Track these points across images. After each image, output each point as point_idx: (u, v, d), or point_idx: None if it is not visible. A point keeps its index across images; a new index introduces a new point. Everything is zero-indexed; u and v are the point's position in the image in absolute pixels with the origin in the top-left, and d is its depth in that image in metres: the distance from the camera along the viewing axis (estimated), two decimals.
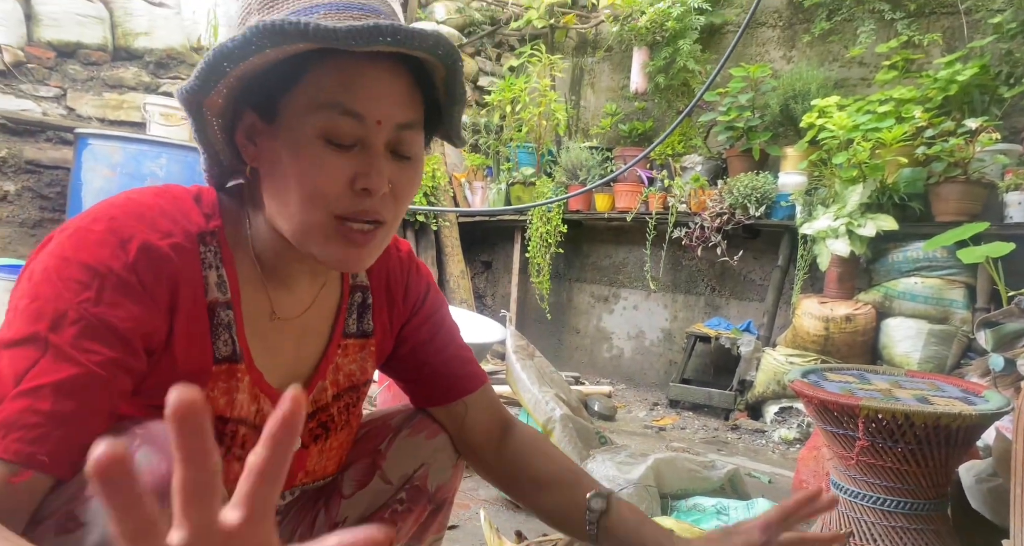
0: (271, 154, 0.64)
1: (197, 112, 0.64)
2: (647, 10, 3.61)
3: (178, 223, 0.65)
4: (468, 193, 4.16)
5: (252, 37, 0.57)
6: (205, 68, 0.59)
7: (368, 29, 0.56)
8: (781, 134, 3.36)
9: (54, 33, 3.13)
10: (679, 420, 3.11)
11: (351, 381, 0.82)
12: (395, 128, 0.64)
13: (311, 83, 0.61)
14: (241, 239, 0.70)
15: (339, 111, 0.61)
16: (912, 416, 1.33)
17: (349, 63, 0.61)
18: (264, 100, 0.63)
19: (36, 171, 2.98)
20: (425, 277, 0.88)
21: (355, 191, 0.63)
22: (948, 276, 2.71)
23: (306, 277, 0.74)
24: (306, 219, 0.64)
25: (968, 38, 2.98)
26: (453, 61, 0.63)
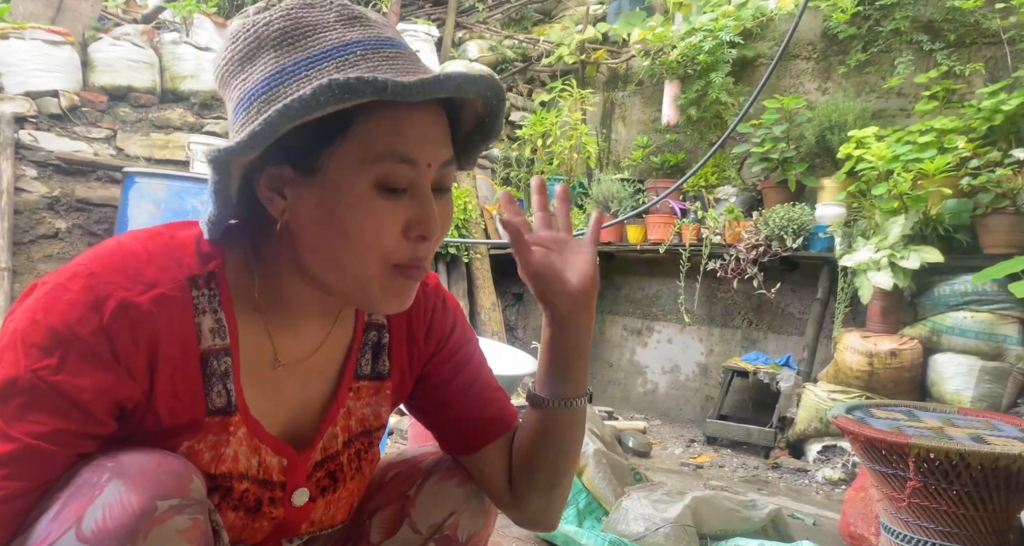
0: (314, 208, 0.60)
1: (226, 169, 0.59)
2: (678, 44, 3.64)
3: (166, 270, 0.61)
4: (499, 225, 4.19)
5: (321, 96, 0.53)
6: (266, 129, 0.55)
7: (439, 82, 0.56)
8: (817, 165, 3.32)
9: (108, 78, 3.31)
10: (717, 458, 3.01)
11: (363, 426, 0.77)
12: (440, 167, 0.63)
13: (362, 133, 0.59)
14: (244, 281, 0.66)
15: (395, 160, 0.60)
16: (967, 456, 1.26)
17: (399, 110, 0.59)
18: (302, 153, 0.60)
19: (86, 209, 3.11)
20: (452, 312, 0.82)
21: (410, 238, 0.62)
22: (1000, 310, 2.60)
23: (315, 319, 0.71)
24: (365, 271, 0.62)
25: (1012, 68, 2.92)
26: (499, 100, 0.63)
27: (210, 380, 0.64)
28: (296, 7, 0.61)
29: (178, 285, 0.61)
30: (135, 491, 0.54)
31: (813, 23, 3.51)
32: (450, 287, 3.99)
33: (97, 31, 3.37)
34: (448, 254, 3.95)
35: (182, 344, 0.62)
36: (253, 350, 0.67)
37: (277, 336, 0.68)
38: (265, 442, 0.69)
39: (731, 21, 3.60)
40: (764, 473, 2.80)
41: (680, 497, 1.71)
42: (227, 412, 0.65)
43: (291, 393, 0.71)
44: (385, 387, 0.78)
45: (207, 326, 0.64)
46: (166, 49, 3.50)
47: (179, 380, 0.62)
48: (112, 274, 0.59)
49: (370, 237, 0.60)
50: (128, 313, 0.58)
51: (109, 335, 0.57)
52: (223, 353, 0.65)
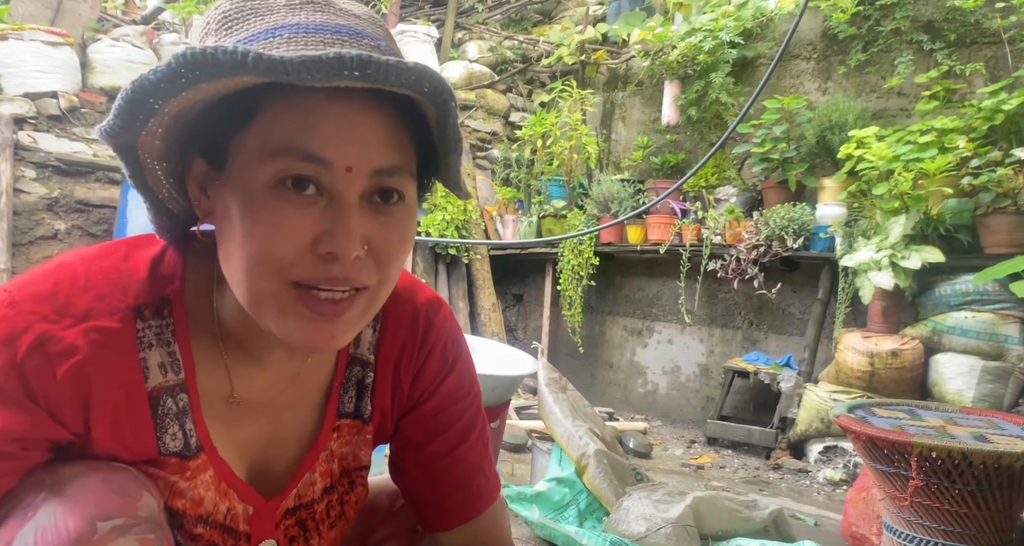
0: (221, 208, 0.53)
1: (130, 155, 0.52)
2: (678, 45, 3.63)
3: (105, 299, 0.54)
4: (499, 226, 4.18)
5: (180, 68, 0.45)
6: (124, 105, 0.47)
7: (328, 61, 0.44)
8: (818, 165, 3.31)
9: (107, 79, 3.31)
10: (718, 458, 3.00)
11: (344, 467, 0.70)
12: (371, 174, 0.51)
13: (265, 123, 0.50)
14: (204, 306, 0.59)
15: (299, 156, 0.49)
16: (970, 455, 1.25)
17: (312, 99, 0.49)
18: (211, 144, 0.53)
19: (85, 210, 3.11)
20: (450, 362, 0.71)
21: (319, 254, 0.51)
22: (1001, 310, 2.59)
23: (280, 353, 0.61)
24: (256, 287, 0.51)
25: (1013, 67, 2.92)
26: (443, 101, 0.50)
27: (162, 421, 0.57)
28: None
29: (118, 316, 0.54)
30: (72, 512, 0.49)
31: (813, 23, 3.51)
32: (450, 288, 3.99)
33: (96, 32, 3.37)
34: (448, 255, 3.94)
35: (123, 383, 0.55)
36: (212, 384, 0.60)
37: (236, 367, 0.61)
38: (233, 487, 0.62)
39: (731, 21, 3.60)
40: (765, 474, 2.79)
41: (681, 497, 1.70)
42: (185, 455, 0.59)
43: (258, 430, 0.63)
44: (366, 431, 0.70)
45: (155, 361, 0.56)
46: (165, 50, 3.50)
47: (124, 423, 0.56)
48: (37, 303, 0.52)
49: (264, 243, 0.50)
50: (46, 348, 0.51)
51: (23, 373, 0.51)
52: (178, 390, 0.58)
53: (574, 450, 1.91)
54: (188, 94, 0.47)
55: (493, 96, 4.45)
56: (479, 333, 3.97)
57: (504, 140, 4.47)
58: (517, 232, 4.06)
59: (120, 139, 0.50)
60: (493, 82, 4.48)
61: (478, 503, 0.71)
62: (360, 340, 0.68)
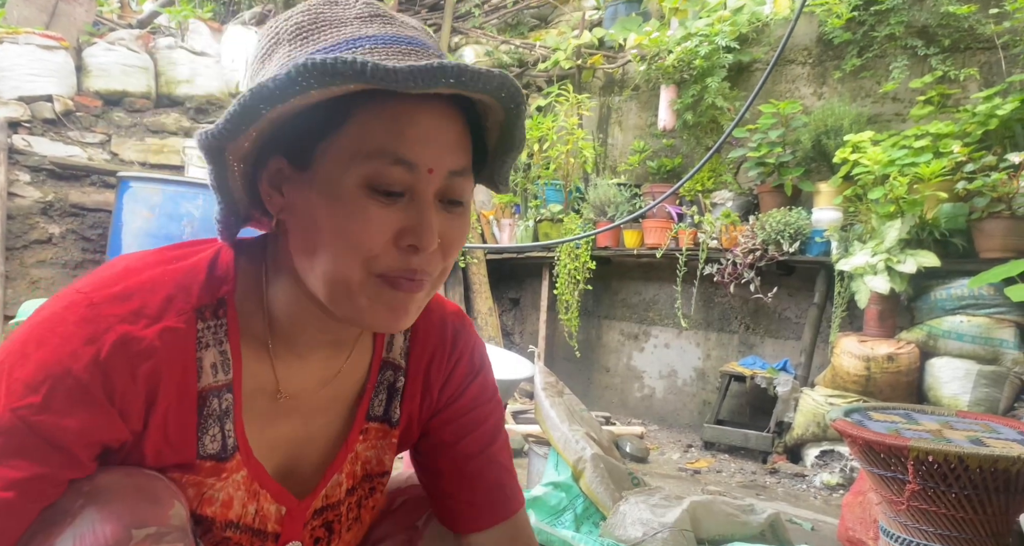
0: (303, 205, 0.56)
1: (219, 157, 0.56)
2: (674, 49, 3.64)
3: (174, 300, 0.57)
4: (496, 230, 4.18)
5: (298, 77, 0.49)
6: (240, 110, 0.51)
7: (431, 69, 0.50)
8: (813, 170, 3.32)
9: (102, 83, 3.31)
10: (715, 463, 2.99)
11: (367, 471, 0.72)
12: (447, 176, 0.56)
13: (357, 127, 0.54)
14: (254, 306, 0.62)
15: (390, 160, 0.54)
16: (966, 458, 1.25)
17: (400, 106, 0.54)
18: (297, 145, 0.56)
19: (80, 214, 3.11)
20: (477, 368, 0.74)
21: (401, 248, 0.56)
22: (996, 314, 2.60)
23: (326, 349, 0.65)
24: (346, 277, 0.55)
25: (1007, 73, 2.93)
26: (517, 105, 0.56)
27: (206, 422, 0.60)
28: (319, 3, 0.58)
29: (184, 317, 0.57)
30: (109, 520, 0.51)
31: (808, 28, 3.52)
32: (447, 292, 3.98)
33: (92, 36, 3.37)
34: None
35: (181, 382, 0.58)
36: (256, 383, 0.63)
37: (281, 366, 0.63)
38: (266, 487, 0.64)
39: (727, 26, 3.61)
40: (762, 478, 2.78)
41: (678, 502, 1.69)
42: (221, 457, 0.61)
43: (291, 430, 0.66)
44: (392, 435, 0.72)
45: (209, 361, 0.60)
46: (161, 54, 3.50)
47: (171, 421, 0.58)
48: (113, 305, 0.55)
49: (352, 239, 0.54)
50: (129, 348, 0.54)
51: (106, 371, 0.53)
52: (224, 390, 0.60)
53: (570, 454, 1.91)
54: (296, 99, 0.51)
55: None
56: None
57: None
58: (514, 236, 4.06)
59: (221, 143, 0.54)
60: None
61: (512, 504, 0.73)
62: (393, 345, 0.71)
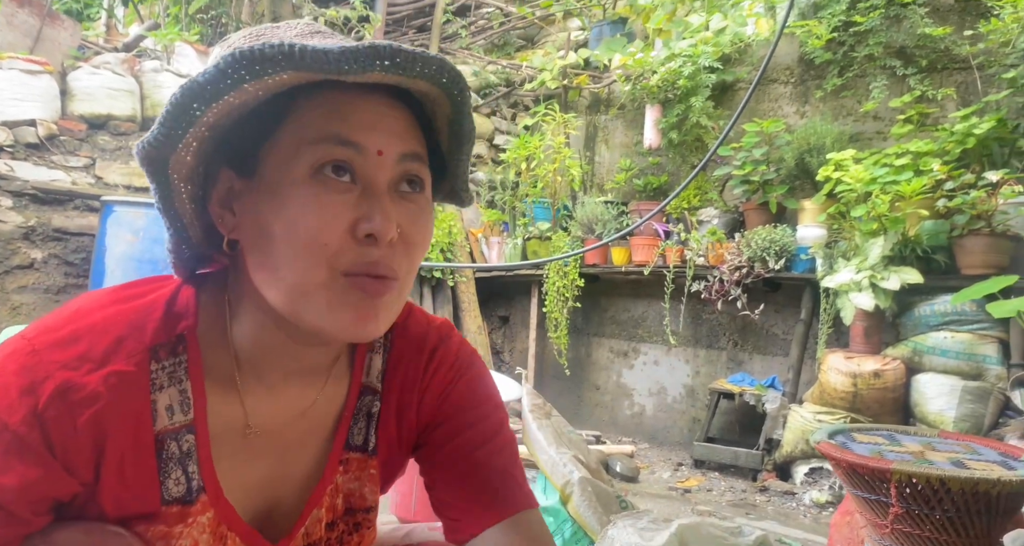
0: (253, 215, 0.54)
1: (161, 171, 0.53)
2: (658, 70, 3.69)
3: (124, 341, 0.55)
4: (485, 248, 4.19)
5: (227, 68, 0.47)
6: (172, 110, 0.49)
7: (364, 49, 0.48)
8: (798, 187, 3.36)
9: (87, 107, 3.30)
10: (705, 481, 2.98)
11: (348, 504, 0.67)
12: (399, 160, 0.55)
13: (297, 121, 0.53)
14: (218, 339, 0.59)
15: (335, 141, 0.52)
16: (948, 481, 1.26)
17: (341, 95, 0.53)
18: (241, 153, 0.54)
19: (63, 238, 3.08)
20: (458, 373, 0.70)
21: (359, 240, 0.53)
22: (979, 330, 2.62)
23: (299, 378, 0.62)
24: (305, 279, 0.52)
25: (982, 92, 2.99)
26: (460, 90, 0.54)
27: (166, 466, 0.57)
28: (261, 27, 0.59)
29: (135, 359, 0.55)
30: None
31: (790, 48, 3.58)
32: (435, 311, 3.97)
33: (76, 60, 3.37)
34: (433, 278, 3.94)
35: (134, 428, 0.55)
36: (223, 421, 0.60)
37: (251, 400, 0.60)
38: (235, 529, 0.60)
39: (710, 47, 3.66)
40: (752, 496, 2.78)
41: (666, 525, 1.68)
42: (187, 501, 0.58)
43: (266, 467, 0.62)
44: (371, 465, 0.68)
45: (163, 404, 0.56)
46: (147, 77, 3.50)
47: (128, 469, 0.55)
48: (56, 350, 0.52)
49: (310, 231, 0.51)
50: (68, 397, 0.51)
51: (44, 423, 0.51)
52: (184, 431, 0.57)
53: (558, 478, 1.90)
54: (229, 98, 0.49)
55: (477, 119, 4.49)
56: None
57: (489, 163, 4.50)
58: (502, 254, 4.06)
59: (159, 152, 0.51)
60: (477, 106, 4.52)
61: (508, 505, 0.65)
62: (371, 368, 0.68)
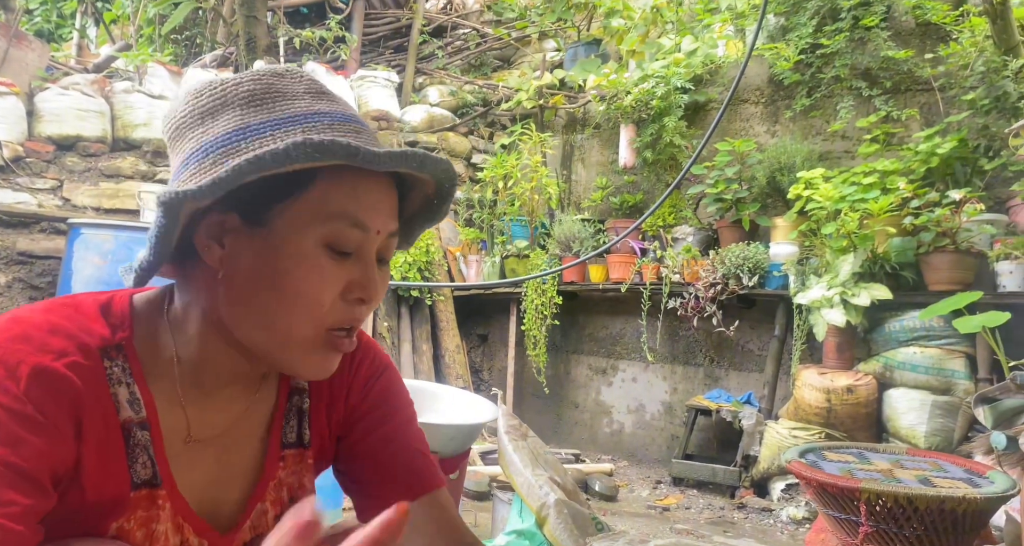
0: (254, 260, 0.60)
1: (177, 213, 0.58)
2: (632, 90, 3.75)
3: (74, 339, 0.59)
4: (463, 267, 4.19)
5: (294, 152, 0.54)
6: (232, 176, 0.55)
7: (404, 156, 0.59)
8: (770, 205, 3.41)
9: (55, 128, 3.25)
10: (683, 499, 2.98)
11: (292, 495, 0.74)
12: (388, 236, 0.64)
13: (319, 193, 0.59)
14: (156, 350, 0.64)
15: (348, 222, 0.60)
16: (915, 499, 1.27)
17: (357, 177, 0.61)
18: (254, 204, 0.60)
19: (28, 262, 3.02)
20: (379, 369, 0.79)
21: (348, 301, 0.62)
22: (947, 346, 2.67)
23: (235, 387, 0.68)
24: (297, 331, 0.60)
25: (944, 113, 3.08)
26: (452, 185, 0.66)
27: (133, 451, 0.62)
28: (268, 73, 0.63)
29: (89, 354, 0.59)
30: None
31: (760, 70, 3.66)
32: (413, 330, 3.95)
33: (44, 81, 3.32)
34: (411, 297, 3.92)
35: (102, 414, 0.59)
36: (170, 424, 0.64)
37: (191, 408, 0.65)
38: (189, 520, 0.65)
39: (682, 68, 3.73)
40: (730, 513, 2.78)
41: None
42: (154, 484, 0.62)
43: (208, 469, 0.67)
44: (307, 456, 0.75)
45: (123, 397, 0.61)
46: (118, 98, 3.47)
47: (104, 452, 0.59)
48: (16, 343, 0.56)
49: (310, 294, 0.59)
50: (44, 377, 0.55)
51: (31, 399, 0.54)
52: (141, 425, 0.62)
53: (534, 500, 1.88)
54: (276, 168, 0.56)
55: (455, 139, 4.51)
56: (443, 375, 3.93)
57: (466, 181, 4.51)
58: (480, 272, 4.06)
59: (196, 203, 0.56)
60: (454, 125, 4.54)
61: (425, 483, 0.74)
62: None
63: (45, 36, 5.22)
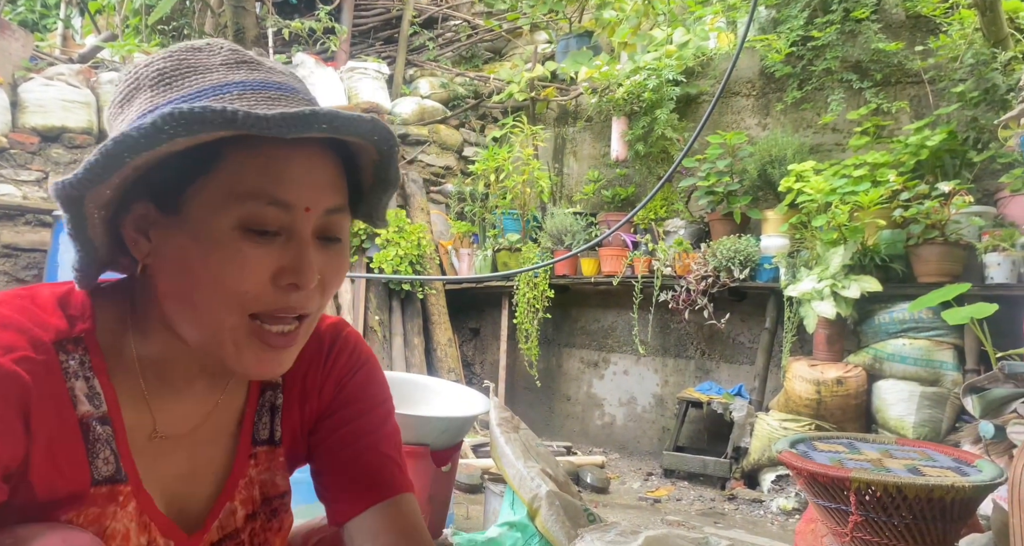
0: (174, 250, 0.56)
1: (77, 206, 0.54)
2: (624, 83, 3.74)
3: (25, 332, 0.56)
4: (455, 260, 4.18)
5: (164, 126, 0.48)
6: (101, 159, 0.50)
7: (304, 117, 0.50)
8: (761, 198, 3.42)
9: (40, 119, 3.21)
10: (674, 490, 3.00)
11: (264, 493, 0.71)
12: (324, 214, 0.58)
13: (228, 171, 0.54)
14: (119, 344, 0.61)
15: (264, 201, 0.54)
16: (904, 488, 1.28)
17: (272, 149, 0.54)
18: (165, 190, 0.55)
19: (13, 255, 2.98)
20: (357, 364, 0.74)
21: (279, 287, 0.56)
22: (936, 337, 2.69)
23: (201, 384, 0.64)
24: (218, 322, 0.55)
25: (934, 106, 3.09)
26: (390, 147, 0.58)
27: (94, 447, 0.59)
28: (182, 49, 0.58)
29: (42, 348, 0.56)
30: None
31: (751, 62, 3.66)
32: (405, 324, 3.94)
33: (28, 71, 3.27)
34: (403, 290, 3.91)
35: (55, 410, 0.56)
36: (134, 419, 0.61)
37: (157, 403, 0.62)
38: (155, 520, 0.62)
39: (673, 60, 3.72)
40: (721, 505, 2.80)
41: (634, 537, 1.68)
42: (116, 480, 0.60)
43: (176, 466, 0.65)
44: (278, 454, 0.72)
45: (81, 391, 0.58)
46: (104, 88, 3.42)
47: (59, 449, 0.57)
48: None
49: (229, 280, 0.54)
50: None
51: None
52: (102, 421, 0.59)
53: (526, 492, 1.88)
54: (161, 147, 0.51)
55: (446, 131, 4.49)
56: (435, 368, 3.92)
57: (458, 174, 4.49)
58: (472, 265, 4.05)
59: (81, 192, 0.52)
60: (445, 117, 4.52)
61: (391, 487, 0.70)
62: None
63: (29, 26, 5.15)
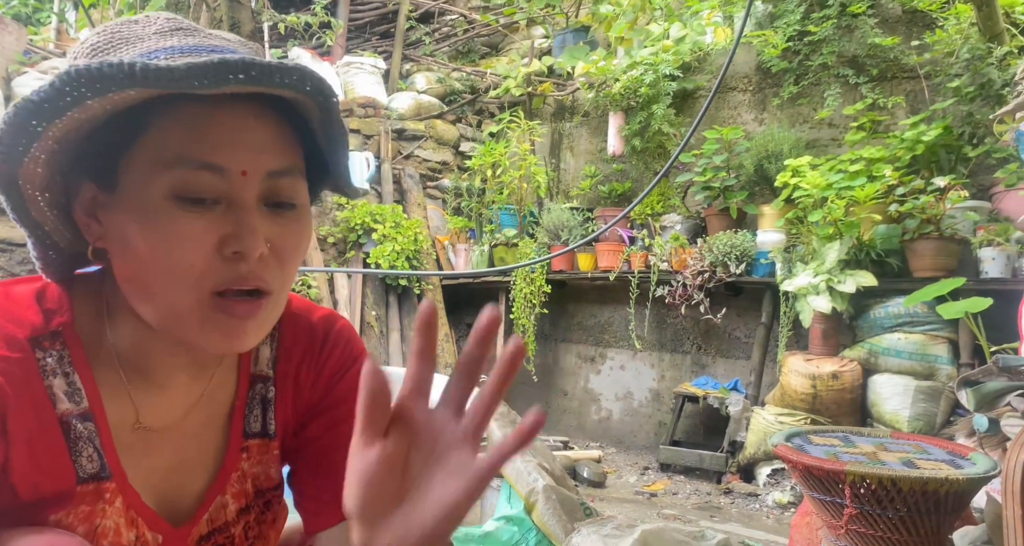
0: (117, 229, 0.53)
1: (10, 184, 0.51)
2: (620, 78, 3.73)
3: (1, 329, 0.54)
4: (451, 255, 4.18)
5: (64, 86, 0.45)
6: (7, 128, 0.47)
7: (213, 65, 0.46)
8: (757, 193, 3.42)
9: None
10: (670, 484, 3.01)
11: (257, 486, 0.69)
12: (266, 177, 0.54)
13: (154, 138, 0.51)
14: (97, 336, 0.59)
15: (193, 166, 0.51)
16: (899, 481, 1.29)
17: (199, 109, 0.51)
18: (100, 165, 0.53)
19: (7, 249, 2.96)
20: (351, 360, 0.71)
21: (226, 257, 0.52)
22: (931, 331, 2.70)
23: (184, 374, 0.62)
24: (175, 300, 0.52)
25: (930, 101, 3.09)
26: (326, 97, 0.52)
27: (76, 445, 0.57)
28: (117, 23, 0.56)
29: (17, 345, 0.54)
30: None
31: (748, 57, 3.66)
32: (402, 319, 3.94)
33: (22, 65, 3.25)
34: (399, 286, 3.91)
35: (33, 409, 0.55)
36: (117, 413, 0.60)
37: (140, 396, 0.60)
38: (141, 515, 0.61)
39: (670, 55, 3.72)
40: (716, 499, 2.81)
41: (630, 531, 1.69)
42: (101, 477, 0.58)
43: (164, 460, 0.63)
44: (272, 447, 0.70)
45: (59, 388, 0.56)
46: None
47: (39, 450, 0.55)
48: None
49: (171, 256, 0.51)
50: None
51: None
52: (84, 417, 0.57)
53: (523, 486, 1.89)
54: (74, 114, 0.47)
55: (443, 126, 4.48)
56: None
57: (455, 170, 4.49)
58: (469, 261, 4.05)
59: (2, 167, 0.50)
60: (442, 113, 4.51)
61: None
62: (259, 357, 0.69)
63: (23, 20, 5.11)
